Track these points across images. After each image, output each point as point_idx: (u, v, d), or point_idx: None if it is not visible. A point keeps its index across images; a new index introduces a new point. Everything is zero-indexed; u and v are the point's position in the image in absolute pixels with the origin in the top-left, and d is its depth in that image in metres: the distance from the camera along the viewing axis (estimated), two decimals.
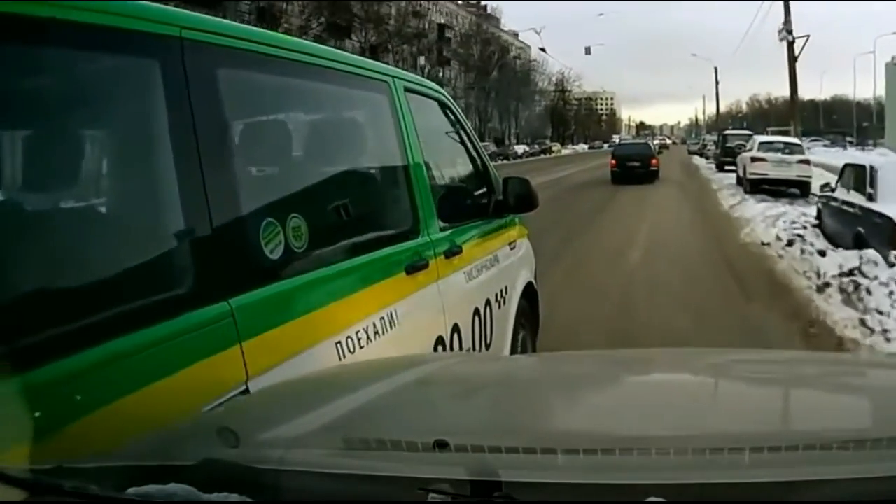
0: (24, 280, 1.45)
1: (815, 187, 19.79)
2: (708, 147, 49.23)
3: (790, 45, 29.09)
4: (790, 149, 21.13)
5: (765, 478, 1.16)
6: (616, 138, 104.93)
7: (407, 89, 3.18)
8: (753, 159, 20.74)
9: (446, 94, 3.90)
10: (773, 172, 20.18)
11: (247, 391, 1.82)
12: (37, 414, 1.31)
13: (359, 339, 2.33)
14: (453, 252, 3.23)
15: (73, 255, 1.58)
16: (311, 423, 1.56)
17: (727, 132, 37.07)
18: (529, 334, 4.45)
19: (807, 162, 20.45)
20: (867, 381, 2.05)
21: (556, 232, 12.33)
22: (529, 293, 4.45)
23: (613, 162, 28.56)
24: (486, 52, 75.37)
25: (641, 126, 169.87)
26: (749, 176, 20.76)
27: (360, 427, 1.53)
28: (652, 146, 33.49)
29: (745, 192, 20.52)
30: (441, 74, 68.85)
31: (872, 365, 2.58)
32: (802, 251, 9.94)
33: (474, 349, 3.32)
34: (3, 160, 1.66)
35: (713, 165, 35.26)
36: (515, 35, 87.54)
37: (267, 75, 2.27)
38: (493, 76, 76.01)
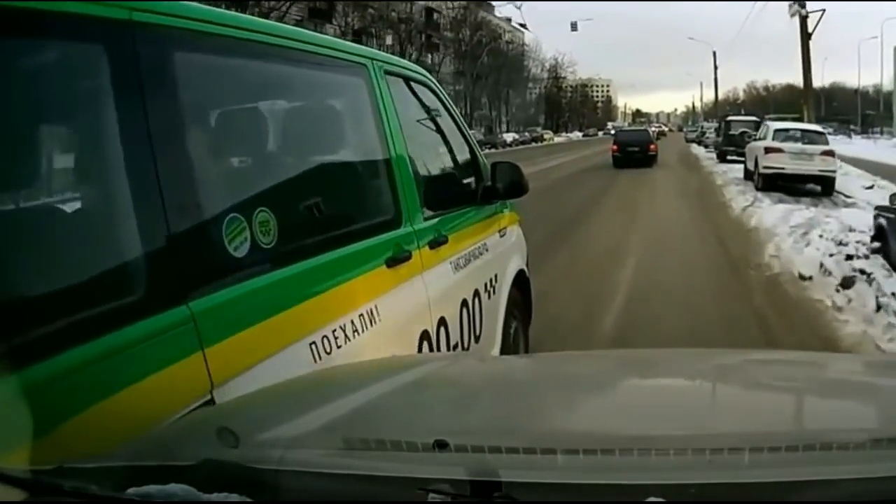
0: None
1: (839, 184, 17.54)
2: (707, 135, 45.95)
3: (803, 20, 27.16)
4: (811, 138, 18.11)
5: (765, 478, 1.17)
6: (610, 125, 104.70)
7: (387, 72, 3.04)
8: (768, 150, 17.64)
9: (430, 76, 3.76)
10: (792, 166, 17.24)
11: (212, 401, 1.69)
12: None
13: (336, 339, 2.21)
14: (439, 242, 3.11)
15: (9, 260, 1.39)
16: (311, 423, 1.56)
17: (730, 118, 33.45)
18: (521, 325, 4.33)
19: (831, 154, 17.52)
20: (867, 381, 2.05)
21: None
22: (521, 281, 4.34)
23: (615, 147, 30.61)
24: (475, 37, 73.18)
25: (638, 113, 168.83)
26: (762, 170, 17.69)
27: (359, 427, 1.53)
28: (650, 133, 34.42)
29: (757, 188, 17.71)
30: (430, 60, 67.11)
31: (872, 365, 2.58)
32: (879, 305, 6.07)
33: (462, 343, 3.21)
34: None
35: (714, 155, 32.14)
36: (508, 20, 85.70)
37: (229, 59, 2.11)
38: (483, 62, 74.20)
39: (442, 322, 2.99)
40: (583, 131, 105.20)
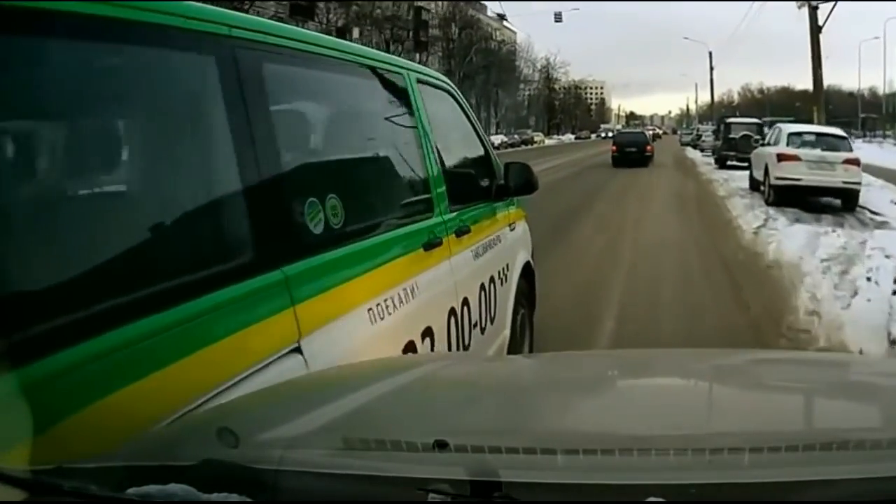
0: (152, 246, 1.72)
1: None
2: (703, 138, 43.12)
3: (813, 11, 25.54)
4: (831, 143, 15.33)
5: (765, 478, 1.17)
6: (602, 128, 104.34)
7: (419, 80, 3.43)
8: (781, 157, 15.02)
9: (452, 84, 4.14)
10: (810, 177, 14.68)
11: (299, 350, 2.04)
12: (136, 358, 1.53)
13: (386, 307, 2.55)
14: (463, 231, 3.49)
15: (167, 230, 1.79)
16: (311, 423, 1.56)
17: (730, 120, 30.20)
18: (528, 312, 4.71)
19: (856, 163, 14.81)
20: (867, 381, 2.05)
21: None
22: (528, 272, 4.72)
23: (614, 147, 32.67)
24: (465, 37, 71.36)
25: (632, 116, 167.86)
26: (774, 181, 15.12)
27: (359, 427, 1.53)
28: (647, 135, 36.94)
29: (768, 202, 15.20)
30: (417, 59, 65.09)
31: (872, 365, 2.59)
32: None
33: (480, 322, 3.56)
34: (86, 150, 1.75)
35: (712, 160, 30.11)
36: (500, 19, 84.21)
37: (303, 69, 2.49)
38: (472, 61, 72.67)
39: (465, 302, 3.35)
40: (575, 133, 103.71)
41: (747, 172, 20.03)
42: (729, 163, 26.03)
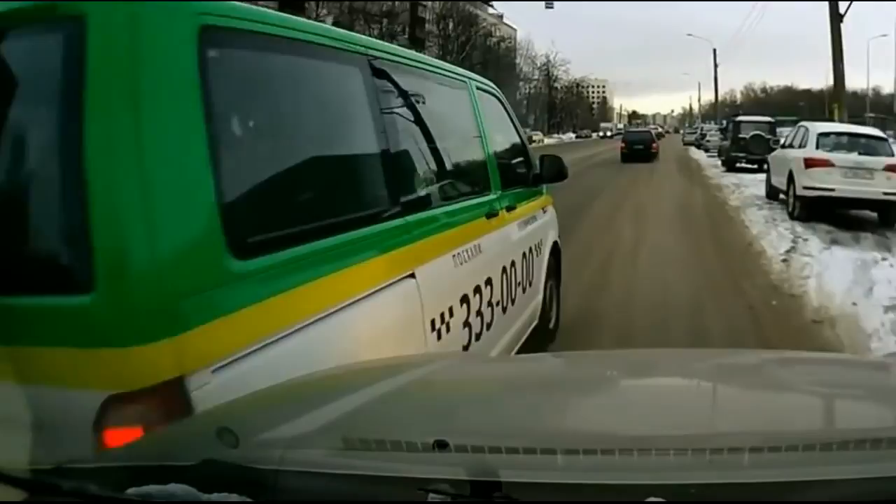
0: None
1: None
2: (708, 138, 40.98)
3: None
4: (869, 146, 12.74)
5: (765, 478, 1.17)
6: (602, 126, 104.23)
7: (477, 87, 4.36)
8: (810, 163, 12.40)
9: (499, 91, 4.96)
10: (845, 186, 12.10)
11: (413, 276, 2.77)
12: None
13: (464, 256, 3.33)
14: (511, 208, 4.30)
15: (355, 184, 2.75)
16: (311, 423, 1.56)
17: (740, 118, 27.11)
18: (555, 284, 5.53)
19: None
20: (867, 381, 2.05)
21: None
22: (555, 251, 5.56)
23: (623, 144, 35.18)
24: (460, 31, 69.64)
25: (634, 115, 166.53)
26: (802, 191, 12.44)
27: (360, 427, 1.53)
28: (653, 134, 39.77)
29: (793, 215, 12.72)
30: None
31: (872, 365, 2.58)
32: None
33: (522, 284, 4.37)
34: (325, 138, 2.66)
35: (718, 162, 27.91)
36: (500, 17, 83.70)
37: (412, 78, 3.29)
38: (470, 58, 69.08)
39: (512, 264, 4.15)
40: (576, 132, 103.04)
41: (759, 176, 18.69)
42: (738, 165, 24.04)
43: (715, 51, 71.81)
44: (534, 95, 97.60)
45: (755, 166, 22.17)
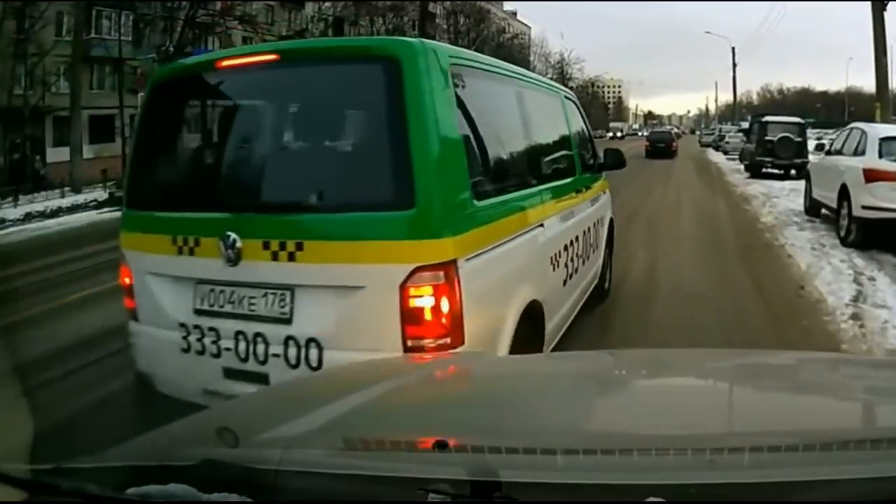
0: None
1: None
2: (727, 140, 39.21)
3: None
4: None
5: (765, 478, 1.17)
6: (612, 126, 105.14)
7: (565, 96, 6.01)
8: (872, 175, 9.71)
9: (575, 98, 6.61)
10: None
11: (542, 225, 4.08)
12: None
13: (567, 216, 4.81)
14: (588, 187, 5.80)
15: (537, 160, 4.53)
16: (311, 423, 1.56)
17: (767, 118, 23.92)
18: (609, 254, 6.90)
19: None
20: (867, 381, 2.05)
21: None
22: (610, 226, 6.96)
23: (647, 143, 41.14)
24: (473, 30, 67.22)
25: (650, 115, 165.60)
26: (861, 212, 9.71)
27: (360, 427, 1.53)
28: (672, 134, 47.43)
29: (846, 241, 9.94)
30: None
31: (872, 365, 2.57)
32: None
33: (593, 245, 5.82)
34: (530, 132, 4.52)
35: (741, 166, 25.47)
36: (514, 14, 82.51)
37: (539, 94, 5.12)
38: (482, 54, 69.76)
39: (587, 230, 5.51)
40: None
41: (789, 184, 17.19)
42: (765, 170, 21.71)
43: (734, 49, 67.95)
44: None
45: (779, 170, 21.07)
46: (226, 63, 3.58)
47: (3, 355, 1.38)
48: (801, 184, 16.48)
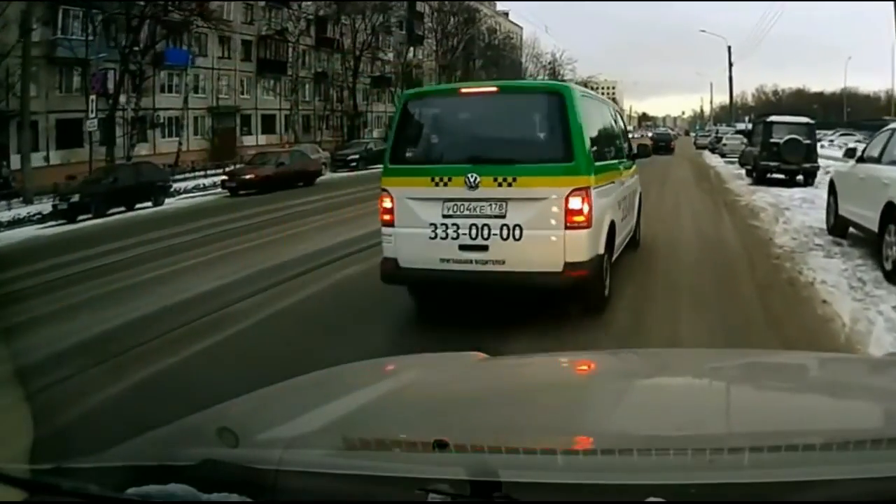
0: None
1: None
2: (724, 142, 37.61)
3: None
4: None
5: (765, 478, 1.16)
6: None
7: (616, 110, 9.95)
8: None
9: (614, 104, 11.17)
10: None
11: (612, 182, 7.49)
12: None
13: (618, 183, 7.92)
14: (629, 168, 9.10)
15: (614, 146, 8.60)
16: (311, 423, 1.56)
17: (772, 119, 21.64)
18: (638, 220, 10.00)
19: None
20: (867, 381, 2.05)
21: None
22: (640, 200, 10.32)
23: (652, 142, 45.11)
24: (462, 30, 66.86)
25: (644, 117, 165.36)
26: None
27: (360, 427, 1.53)
28: (671, 134, 59.19)
29: (893, 277, 7.69)
30: (413, 55, 62.34)
31: (872, 365, 2.56)
32: None
33: (631, 209, 8.89)
34: (613, 131, 8.83)
35: (741, 170, 24.06)
36: (505, 15, 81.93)
37: (607, 107, 9.13)
38: (473, 56, 68.96)
39: (625, 197, 8.31)
40: None
41: (798, 192, 15.70)
42: (770, 177, 19.72)
43: (730, 48, 68.72)
44: None
45: (785, 175, 19.34)
46: (463, 91, 7.16)
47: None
48: (813, 192, 16.12)
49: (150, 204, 24.67)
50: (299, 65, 51.89)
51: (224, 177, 29.32)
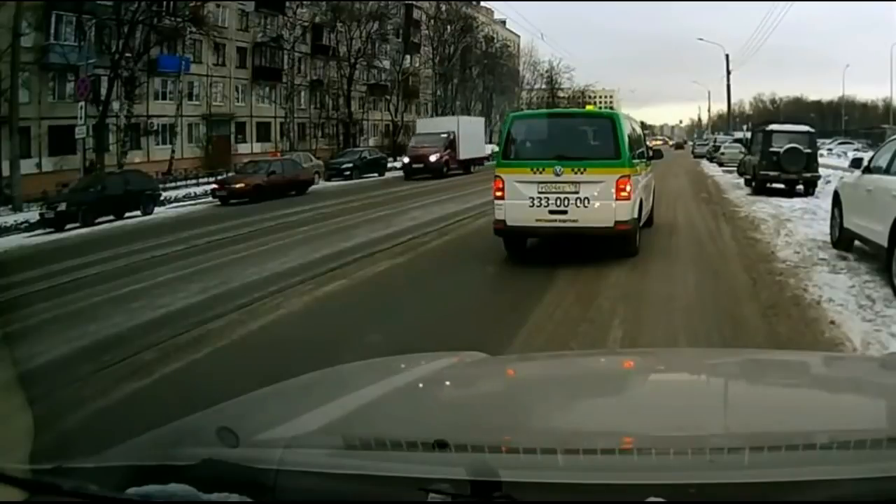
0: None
1: None
2: (722, 151, 36.84)
3: None
4: None
5: (765, 478, 1.17)
6: None
7: (635, 124, 13.42)
8: None
9: (633, 119, 14.23)
10: None
11: (639, 174, 11.31)
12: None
13: (643, 175, 11.77)
14: (648, 166, 13.00)
15: (637, 149, 12.12)
16: (311, 423, 1.56)
17: (773, 127, 21.12)
18: (652, 207, 13.26)
19: None
20: (867, 381, 2.04)
21: None
22: (654, 192, 13.94)
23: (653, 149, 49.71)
24: (461, 39, 66.53)
25: (642, 126, 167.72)
26: None
27: (360, 427, 1.53)
28: (670, 144, 63.42)
29: None
30: (409, 63, 61.87)
31: (872, 365, 2.56)
32: None
33: (649, 196, 12.78)
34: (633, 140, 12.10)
35: (739, 180, 23.80)
36: (503, 23, 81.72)
37: (634, 123, 13.26)
38: (469, 65, 68.67)
39: (645, 186, 12.16)
40: None
41: (799, 202, 15.54)
42: (769, 186, 19.43)
43: (728, 56, 66.13)
44: (536, 103, 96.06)
45: (784, 185, 19.09)
46: (550, 114, 13.20)
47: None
48: (814, 202, 15.55)
49: (138, 213, 24.09)
50: (294, 72, 51.53)
51: (214, 185, 28.79)
